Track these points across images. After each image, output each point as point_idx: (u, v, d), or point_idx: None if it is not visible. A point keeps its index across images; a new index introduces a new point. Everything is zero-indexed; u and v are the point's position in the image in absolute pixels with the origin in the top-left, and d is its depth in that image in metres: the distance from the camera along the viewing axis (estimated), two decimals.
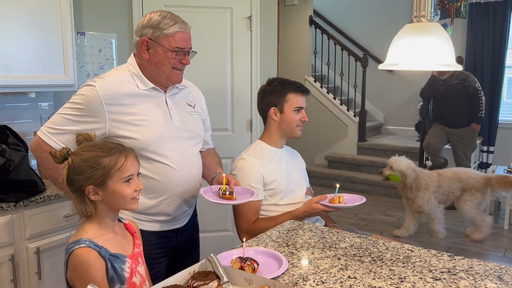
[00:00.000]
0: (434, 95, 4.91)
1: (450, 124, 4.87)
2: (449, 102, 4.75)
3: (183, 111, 1.69)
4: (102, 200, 1.24)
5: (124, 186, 1.23)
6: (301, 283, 1.23)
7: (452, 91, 4.69)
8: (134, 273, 1.28)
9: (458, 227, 4.46)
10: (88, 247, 1.19)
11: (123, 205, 1.26)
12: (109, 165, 1.21)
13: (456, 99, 4.73)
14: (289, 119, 1.94)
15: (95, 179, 1.20)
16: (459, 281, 1.25)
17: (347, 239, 1.58)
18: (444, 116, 4.91)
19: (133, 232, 1.38)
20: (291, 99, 1.93)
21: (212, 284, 1.13)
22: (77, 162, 1.21)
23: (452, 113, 4.81)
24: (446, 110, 4.84)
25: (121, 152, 1.24)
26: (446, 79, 4.72)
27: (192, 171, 1.68)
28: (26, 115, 2.54)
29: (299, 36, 6.47)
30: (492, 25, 5.85)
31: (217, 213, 3.10)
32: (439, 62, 1.04)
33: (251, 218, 1.87)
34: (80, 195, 1.23)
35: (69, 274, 1.23)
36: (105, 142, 1.29)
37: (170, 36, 1.54)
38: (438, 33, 1.04)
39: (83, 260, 1.18)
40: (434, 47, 1.03)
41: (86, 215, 1.25)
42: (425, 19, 1.07)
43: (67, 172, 1.21)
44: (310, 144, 6.28)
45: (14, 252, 1.97)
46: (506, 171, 4.60)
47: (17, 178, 1.95)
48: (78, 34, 2.72)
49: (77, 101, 1.54)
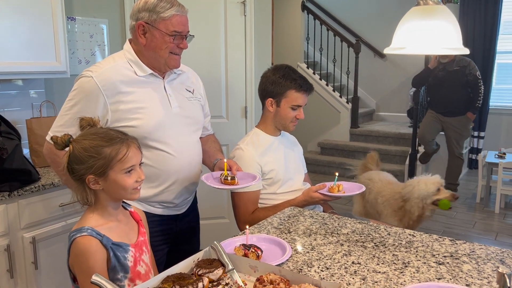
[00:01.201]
0: (432, 80, 4.71)
1: (445, 112, 4.72)
2: (446, 88, 4.59)
3: (182, 97, 1.66)
4: (103, 189, 1.22)
5: (125, 177, 1.21)
6: (305, 269, 1.23)
7: (451, 77, 4.54)
8: (138, 262, 1.26)
9: (448, 212, 4.50)
10: (90, 236, 1.17)
11: (124, 195, 1.24)
12: (110, 155, 1.18)
13: (454, 86, 4.55)
14: (284, 115, 1.91)
15: (96, 169, 1.17)
16: (462, 265, 1.25)
17: (349, 225, 1.58)
18: (439, 103, 4.74)
19: (138, 220, 1.36)
20: (290, 96, 1.88)
21: (217, 272, 1.12)
22: (78, 150, 1.18)
23: (448, 101, 4.63)
24: (443, 96, 4.66)
25: (123, 142, 1.21)
26: (447, 64, 4.55)
27: (192, 158, 1.66)
28: (16, 103, 2.49)
29: (292, 22, 6.42)
30: (484, 11, 5.86)
31: (214, 201, 3.09)
32: (446, 45, 1.03)
33: (250, 209, 1.86)
34: (81, 183, 1.21)
35: (71, 262, 1.22)
36: (107, 131, 1.25)
37: (167, 19, 1.50)
38: (445, 16, 1.02)
39: (83, 249, 1.17)
40: (441, 31, 1.02)
41: (86, 203, 1.24)
42: (432, 1, 1.05)
43: (68, 160, 1.18)
44: (303, 131, 6.28)
45: (9, 242, 1.94)
46: (497, 156, 4.65)
47: (11, 167, 1.91)
48: (69, 19, 2.66)
49: (76, 96, 1.51)
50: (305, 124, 6.33)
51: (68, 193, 2.12)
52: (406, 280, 1.16)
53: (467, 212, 4.51)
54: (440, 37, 1.02)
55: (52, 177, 2.14)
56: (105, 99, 1.48)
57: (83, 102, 1.48)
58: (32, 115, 2.51)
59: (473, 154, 6.20)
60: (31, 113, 2.53)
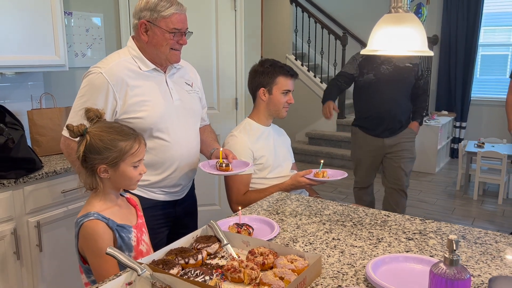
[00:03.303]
0: (369, 79, 3.01)
1: (389, 129, 3.08)
2: (390, 92, 2.99)
3: (182, 90, 1.79)
4: (110, 178, 1.34)
5: (133, 170, 1.35)
6: (291, 244, 1.39)
7: (401, 77, 3.00)
8: (140, 242, 1.41)
9: (431, 198, 4.73)
10: (96, 219, 1.30)
11: (128, 185, 1.39)
12: (125, 149, 1.31)
13: (401, 88, 3.03)
14: (277, 101, 2.07)
15: (110, 160, 1.30)
16: (428, 240, 1.43)
17: (331, 207, 1.74)
18: (379, 117, 3.06)
19: (135, 205, 1.50)
20: (280, 82, 2.05)
21: (214, 246, 1.28)
22: (95, 141, 1.29)
23: (392, 110, 3.04)
24: (385, 104, 3.01)
25: (135, 138, 1.35)
26: (396, 59, 2.98)
27: (192, 147, 1.80)
28: (17, 95, 2.58)
29: (280, 14, 6.54)
30: (467, 5, 6.05)
31: (206, 188, 3.24)
32: (413, 48, 1.19)
33: (242, 190, 2.02)
34: (91, 171, 1.33)
35: (80, 245, 1.33)
36: (121, 126, 1.38)
37: (167, 17, 1.62)
38: (413, 23, 1.18)
39: (92, 231, 1.29)
40: (409, 35, 1.18)
41: (91, 188, 1.36)
42: (402, 9, 1.21)
43: (84, 149, 1.30)
44: (291, 121, 6.43)
45: (15, 226, 2.06)
46: (476, 146, 4.87)
47: (17, 156, 2.04)
48: (66, 14, 2.75)
49: (87, 92, 1.61)
50: (294, 115, 6.49)
51: (70, 180, 2.27)
52: (379, 252, 1.33)
53: (448, 199, 4.73)
54: (407, 41, 1.18)
55: (54, 165, 2.27)
56: (114, 92, 1.60)
57: (95, 97, 1.59)
58: (32, 107, 2.62)
59: (455, 143, 6.44)
60: (31, 105, 2.63)
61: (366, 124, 3.15)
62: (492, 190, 4.96)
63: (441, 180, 5.42)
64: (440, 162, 5.99)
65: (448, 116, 6.21)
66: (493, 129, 6.19)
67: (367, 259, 1.28)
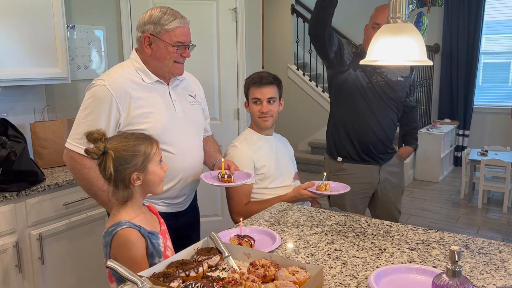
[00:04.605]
0: (354, 93, 2.40)
1: (380, 155, 2.48)
2: (383, 110, 2.43)
3: (186, 101, 1.80)
4: (141, 184, 1.35)
5: (159, 168, 1.38)
6: (293, 255, 1.38)
7: (393, 93, 2.43)
8: (167, 248, 1.41)
9: (435, 207, 4.70)
10: (129, 227, 1.30)
11: (156, 187, 1.39)
12: (147, 150, 1.34)
13: (391, 106, 2.45)
14: (252, 112, 2.10)
15: (140, 165, 1.32)
16: (431, 250, 1.41)
17: (333, 217, 1.73)
18: (371, 140, 2.43)
19: (156, 212, 1.51)
20: (251, 93, 2.07)
21: (215, 258, 1.27)
22: (120, 153, 1.30)
23: (383, 131, 2.45)
24: (376, 124, 2.42)
25: (149, 139, 1.38)
26: (388, 70, 2.42)
27: (195, 159, 1.81)
28: (19, 108, 2.59)
29: (281, 24, 6.58)
30: (467, 13, 6.07)
31: (208, 199, 3.23)
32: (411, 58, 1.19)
33: (243, 201, 2.01)
34: (123, 183, 1.32)
35: (113, 254, 1.31)
36: (133, 133, 1.40)
37: (171, 31, 1.63)
38: (411, 33, 1.19)
39: (126, 239, 1.29)
40: (407, 45, 1.18)
41: (126, 201, 1.35)
42: (400, 20, 1.21)
43: (112, 165, 1.28)
44: (294, 130, 6.44)
45: (17, 239, 2.06)
46: (480, 154, 4.85)
47: (19, 168, 2.04)
48: (69, 27, 2.78)
49: (90, 105, 1.61)
50: (296, 124, 6.50)
51: (72, 192, 2.28)
52: (381, 263, 1.32)
53: (452, 208, 4.70)
54: (406, 51, 1.18)
55: (56, 178, 2.27)
56: (117, 104, 1.60)
57: (98, 109, 1.59)
58: (34, 119, 2.63)
59: (458, 152, 6.41)
60: (33, 118, 2.65)
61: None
62: (496, 199, 4.93)
63: (445, 189, 5.40)
64: (444, 171, 5.97)
65: (451, 124, 6.20)
66: (497, 137, 6.16)
67: (369, 270, 1.27)
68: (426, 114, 6.25)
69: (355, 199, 2.45)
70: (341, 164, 2.48)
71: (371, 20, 2.42)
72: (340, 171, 2.47)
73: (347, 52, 2.42)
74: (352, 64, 2.40)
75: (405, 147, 2.69)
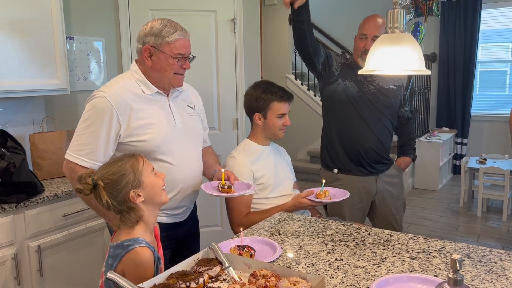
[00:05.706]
0: (346, 102, 2.39)
1: (375, 164, 2.45)
2: (373, 118, 2.39)
3: (185, 112, 1.81)
4: (144, 200, 1.32)
5: (155, 178, 1.35)
6: (294, 265, 1.38)
7: (386, 102, 2.42)
8: (161, 271, 1.39)
9: (435, 216, 4.69)
10: (147, 247, 1.28)
11: (159, 196, 1.36)
12: (134, 166, 1.31)
13: (385, 113, 2.42)
14: (272, 125, 2.08)
15: (132, 182, 1.29)
16: (432, 259, 1.41)
17: (333, 227, 1.73)
18: (363, 148, 2.40)
19: (156, 234, 1.47)
20: (274, 107, 2.05)
21: (215, 269, 1.26)
22: (108, 178, 1.28)
23: (378, 139, 2.42)
24: (369, 132, 2.40)
25: (133, 155, 1.35)
26: (379, 78, 2.43)
27: (194, 170, 1.81)
28: (18, 120, 2.59)
29: (279, 34, 6.62)
30: (464, 22, 6.13)
31: (208, 209, 3.23)
32: (409, 67, 1.20)
33: (244, 212, 2.01)
34: (126, 205, 1.30)
35: (122, 269, 1.28)
36: (115, 157, 1.38)
37: (172, 43, 1.64)
38: (409, 43, 1.20)
39: (144, 259, 1.26)
40: (406, 55, 1.19)
41: (136, 222, 1.32)
42: (398, 30, 1.22)
43: (106, 193, 1.27)
44: (293, 140, 6.45)
45: (16, 251, 2.05)
46: (478, 162, 4.86)
47: (18, 180, 2.04)
48: (68, 39, 2.79)
49: (91, 116, 1.61)
50: (295, 134, 6.50)
51: (71, 204, 2.27)
52: (382, 273, 1.31)
53: (451, 216, 4.70)
54: (404, 60, 1.19)
55: (55, 189, 2.27)
56: (118, 116, 1.60)
57: (99, 120, 1.59)
58: (33, 131, 2.63)
59: (456, 160, 6.42)
60: (33, 129, 2.65)
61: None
62: (496, 207, 4.93)
63: (444, 197, 5.39)
64: (443, 179, 5.97)
65: (449, 133, 6.22)
66: (495, 145, 6.18)
67: (370, 279, 1.27)
68: (424, 123, 6.27)
69: (353, 209, 2.44)
70: (336, 175, 2.48)
71: (359, 31, 2.45)
72: (336, 181, 2.46)
73: (335, 63, 2.44)
74: (341, 74, 2.41)
75: (403, 158, 2.67)
